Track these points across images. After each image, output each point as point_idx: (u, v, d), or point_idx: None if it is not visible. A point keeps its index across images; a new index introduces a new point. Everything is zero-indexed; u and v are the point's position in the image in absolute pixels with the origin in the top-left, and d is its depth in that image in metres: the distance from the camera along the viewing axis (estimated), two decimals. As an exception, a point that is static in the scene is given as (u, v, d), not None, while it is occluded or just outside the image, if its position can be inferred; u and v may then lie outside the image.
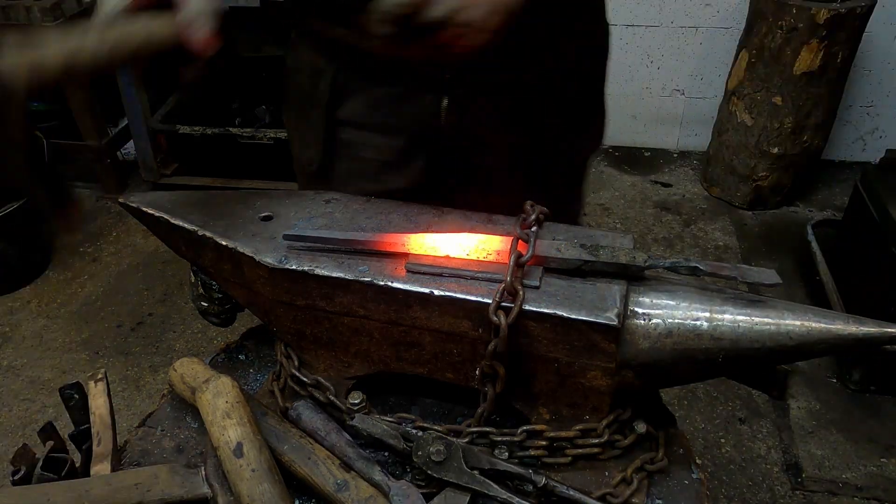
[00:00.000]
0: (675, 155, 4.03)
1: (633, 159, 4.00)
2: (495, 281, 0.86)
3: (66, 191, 0.91)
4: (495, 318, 0.83)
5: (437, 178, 1.19)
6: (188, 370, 1.03)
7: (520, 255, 0.87)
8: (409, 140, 1.18)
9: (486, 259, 0.92)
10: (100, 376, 1.08)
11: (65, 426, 1.01)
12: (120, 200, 1.11)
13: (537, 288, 0.87)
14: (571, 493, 0.86)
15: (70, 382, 1.03)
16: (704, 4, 3.57)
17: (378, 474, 0.87)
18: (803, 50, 3.03)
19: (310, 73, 1.18)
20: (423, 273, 0.90)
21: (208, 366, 1.05)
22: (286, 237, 0.96)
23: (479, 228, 0.97)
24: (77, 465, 0.96)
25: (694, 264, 0.86)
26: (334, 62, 1.14)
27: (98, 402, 1.04)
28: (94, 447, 0.99)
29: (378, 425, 0.92)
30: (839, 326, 0.82)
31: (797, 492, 2.25)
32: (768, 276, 0.85)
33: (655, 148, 4.07)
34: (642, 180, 3.83)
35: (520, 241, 0.90)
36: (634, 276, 0.90)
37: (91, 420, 1.01)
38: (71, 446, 1.00)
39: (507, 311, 0.83)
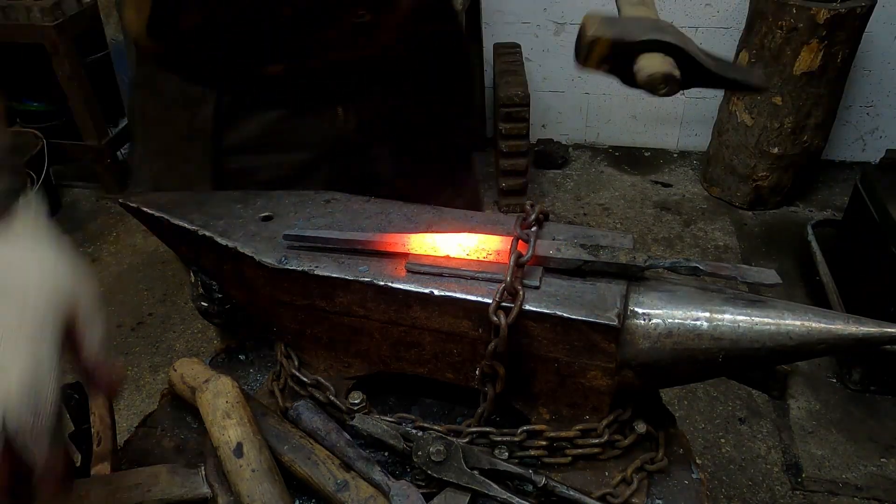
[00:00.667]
0: (675, 155, 4.03)
1: (633, 159, 4.00)
2: (495, 281, 0.86)
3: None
4: (495, 318, 0.83)
5: (340, 185, 1.17)
6: (188, 370, 1.03)
7: (520, 255, 0.87)
8: (310, 154, 1.15)
9: (486, 259, 0.92)
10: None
11: (64, 426, 1.01)
12: (120, 200, 1.11)
13: (537, 288, 0.87)
14: (571, 493, 0.86)
15: (70, 382, 1.03)
16: (704, 4, 3.58)
17: (378, 474, 0.87)
18: (803, 50, 3.03)
19: (183, 104, 1.09)
20: (423, 273, 0.90)
21: (208, 366, 1.05)
22: (286, 237, 0.96)
23: (479, 228, 0.97)
24: (77, 464, 0.96)
25: (694, 264, 0.86)
26: (215, 89, 1.07)
27: (98, 401, 1.04)
28: (95, 447, 0.99)
29: (378, 425, 0.92)
30: (839, 326, 0.82)
31: (797, 492, 2.25)
32: (768, 276, 0.85)
33: (655, 148, 4.07)
34: (642, 180, 3.83)
35: (520, 241, 0.90)
36: (634, 277, 0.90)
37: (91, 420, 1.01)
38: (70, 446, 1.00)
39: (507, 311, 0.83)
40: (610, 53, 0.87)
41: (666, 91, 0.81)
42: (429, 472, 0.86)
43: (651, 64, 0.82)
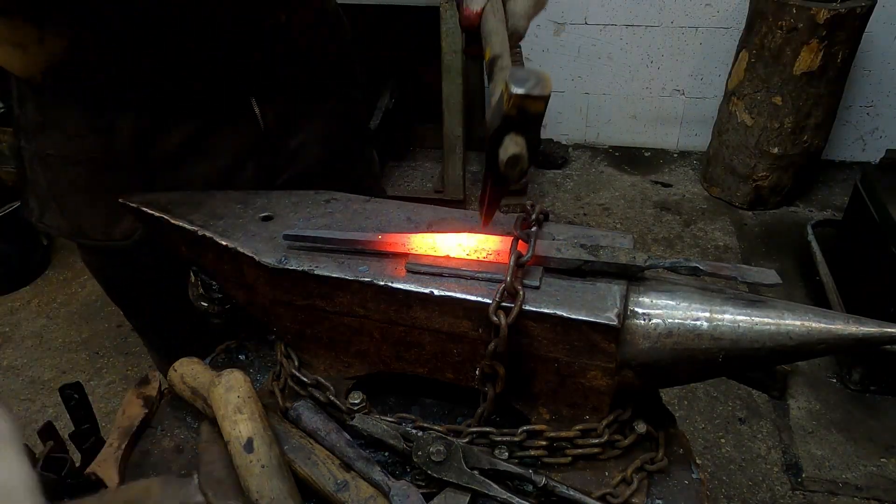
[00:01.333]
0: (675, 155, 4.03)
1: (633, 159, 4.00)
2: (495, 281, 0.86)
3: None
4: (495, 318, 0.83)
5: (270, 180, 1.21)
6: (188, 370, 1.03)
7: (520, 255, 0.87)
8: (234, 157, 1.16)
9: (486, 259, 0.92)
10: (154, 383, 1.08)
11: (64, 426, 1.01)
12: (120, 200, 1.11)
13: (537, 288, 0.87)
14: (571, 493, 0.86)
15: (70, 382, 1.03)
16: (704, 4, 3.58)
17: (378, 474, 0.87)
18: (803, 50, 3.03)
19: (94, 134, 1.05)
20: (423, 273, 0.90)
21: (208, 366, 1.05)
22: (286, 237, 0.96)
23: (480, 228, 0.96)
24: (77, 465, 0.96)
25: (694, 264, 0.86)
26: (130, 112, 1.04)
27: (134, 410, 1.04)
28: (106, 447, 0.99)
29: (378, 425, 0.92)
30: (839, 326, 0.82)
31: (797, 492, 2.25)
32: (768, 276, 0.84)
33: (655, 148, 4.07)
34: (642, 180, 3.83)
35: (520, 241, 0.90)
36: (634, 276, 0.90)
37: (116, 421, 1.02)
38: (71, 446, 1.00)
39: (507, 311, 0.83)
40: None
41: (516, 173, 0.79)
42: (429, 472, 0.86)
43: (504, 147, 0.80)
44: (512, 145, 0.76)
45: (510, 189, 0.87)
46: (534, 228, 0.93)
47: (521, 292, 0.84)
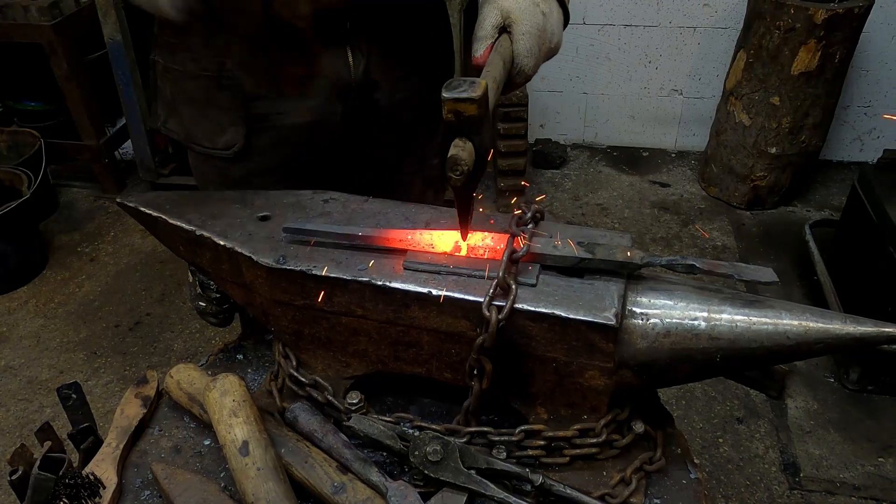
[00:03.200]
0: (674, 155, 4.03)
1: (632, 159, 4.00)
2: (492, 278, 0.86)
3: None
4: (487, 313, 0.83)
5: (355, 127, 1.30)
6: (184, 376, 1.03)
7: (514, 251, 0.88)
8: (323, 97, 1.24)
9: (482, 256, 0.92)
10: (152, 383, 1.08)
11: (62, 426, 1.01)
12: (118, 200, 1.11)
13: (534, 286, 0.87)
14: (569, 492, 0.86)
15: (68, 382, 1.03)
16: (702, 4, 3.58)
17: (375, 475, 0.87)
18: (801, 50, 3.04)
19: (211, 54, 1.19)
20: (421, 271, 0.90)
21: (205, 371, 1.05)
22: (286, 230, 0.96)
23: (477, 226, 0.97)
24: (74, 465, 0.96)
25: (691, 262, 0.86)
26: (238, 37, 1.17)
27: (133, 410, 1.04)
28: (104, 447, 0.99)
29: (374, 426, 0.92)
30: (837, 326, 0.82)
31: (795, 491, 2.25)
32: (765, 273, 0.85)
33: (653, 148, 4.07)
34: (640, 180, 3.83)
35: (516, 238, 0.91)
36: (631, 275, 0.90)
37: (114, 421, 1.02)
38: (68, 445, 1.00)
39: (499, 306, 0.83)
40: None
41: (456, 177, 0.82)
42: (425, 471, 0.86)
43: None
44: (452, 147, 0.79)
45: (508, 188, 0.88)
46: (529, 226, 0.93)
47: (513, 288, 0.84)
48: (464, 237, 0.93)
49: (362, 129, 1.33)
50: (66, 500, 0.89)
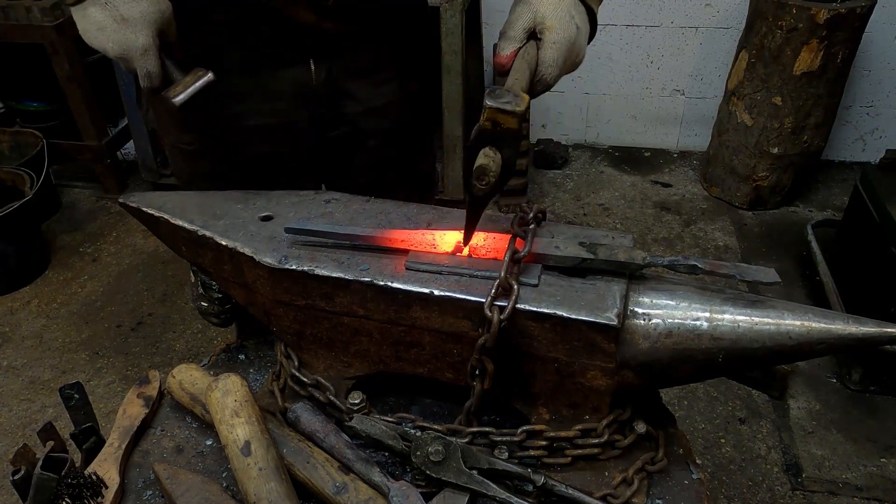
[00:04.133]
0: (675, 155, 4.03)
1: (633, 159, 4.00)
2: (494, 279, 0.86)
3: None
4: (489, 313, 0.83)
5: (326, 133, 1.34)
6: (186, 377, 1.03)
7: (516, 251, 0.88)
8: (286, 102, 1.27)
9: (485, 256, 0.92)
10: (154, 383, 1.08)
11: (64, 426, 1.01)
12: (120, 201, 1.11)
13: (536, 286, 0.87)
14: (571, 492, 0.86)
15: (70, 382, 1.03)
16: (704, 4, 3.57)
17: (377, 475, 0.87)
18: (803, 50, 3.03)
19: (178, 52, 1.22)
20: (423, 271, 0.90)
21: (207, 372, 1.05)
22: (288, 230, 0.96)
23: (479, 227, 0.97)
24: (77, 465, 0.96)
25: (693, 262, 0.86)
26: (211, 40, 1.20)
27: (135, 410, 1.05)
28: (106, 447, 0.99)
29: (376, 426, 0.92)
30: (839, 326, 0.82)
31: (797, 492, 2.24)
32: (767, 274, 0.84)
33: (655, 148, 4.07)
34: (642, 180, 3.83)
35: (517, 238, 0.91)
36: (633, 275, 0.90)
37: (116, 421, 1.02)
38: (71, 445, 1.00)
39: (501, 307, 0.83)
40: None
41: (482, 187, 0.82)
42: (427, 472, 0.86)
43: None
44: (482, 157, 0.78)
45: (510, 188, 0.88)
46: (531, 226, 0.93)
47: (515, 288, 0.84)
48: (466, 244, 0.92)
49: (337, 135, 1.36)
50: (68, 500, 0.89)
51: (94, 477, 0.92)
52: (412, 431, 0.92)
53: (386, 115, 1.37)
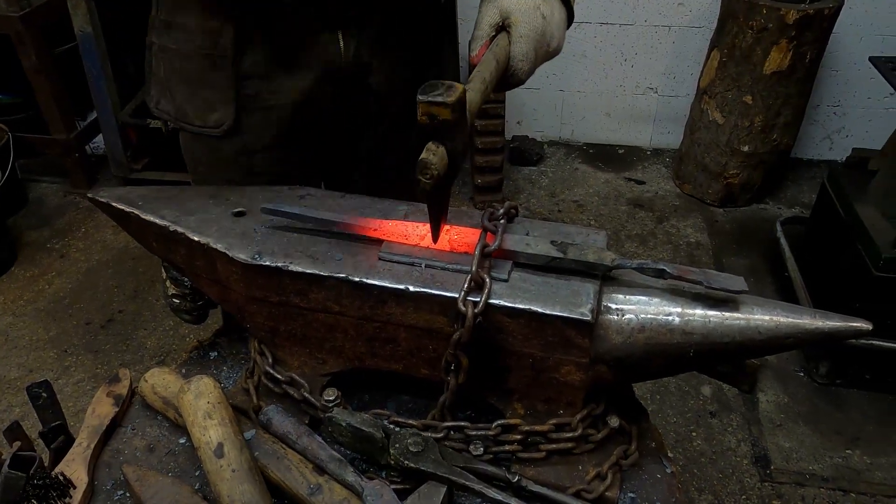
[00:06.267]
0: (649, 152, 4.07)
1: (607, 156, 4.03)
2: (466, 272, 0.87)
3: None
4: (462, 308, 0.83)
5: (348, 109, 1.32)
6: (159, 381, 1.02)
7: (486, 245, 0.88)
8: (315, 79, 1.25)
9: (457, 249, 0.92)
10: (125, 381, 1.06)
11: (31, 426, 0.99)
12: (89, 195, 1.09)
13: (506, 281, 0.88)
14: (545, 491, 0.87)
15: (37, 381, 1.01)
16: (677, 3, 3.61)
17: (351, 475, 0.87)
18: (773, 50, 3.08)
19: (204, 34, 1.21)
20: (395, 262, 0.90)
21: (179, 376, 1.04)
22: (264, 210, 0.96)
23: (452, 221, 0.97)
24: (45, 463, 0.94)
25: (661, 267, 0.86)
26: (232, 19, 1.18)
27: (105, 409, 1.03)
28: (75, 447, 0.97)
29: (356, 416, 0.91)
30: (807, 321, 0.84)
31: (766, 483, 2.29)
32: (735, 282, 0.85)
33: (629, 145, 4.11)
34: (616, 177, 3.86)
35: (488, 232, 0.91)
36: (601, 276, 0.90)
37: (85, 420, 1.00)
38: (38, 445, 0.98)
39: (476, 302, 0.84)
40: None
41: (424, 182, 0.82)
42: (406, 462, 0.86)
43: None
44: (424, 151, 0.78)
45: (485, 185, 0.88)
46: (501, 221, 0.93)
47: (488, 282, 0.84)
48: (435, 240, 0.92)
49: (356, 111, 1.34)
50: (34, 502, 0.87)
51: (61, 477, 0.91)
52: (390, 426, 0.92)
53: (401, 97, 1.34)
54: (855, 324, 0.83)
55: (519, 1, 0.97)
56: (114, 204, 1.05)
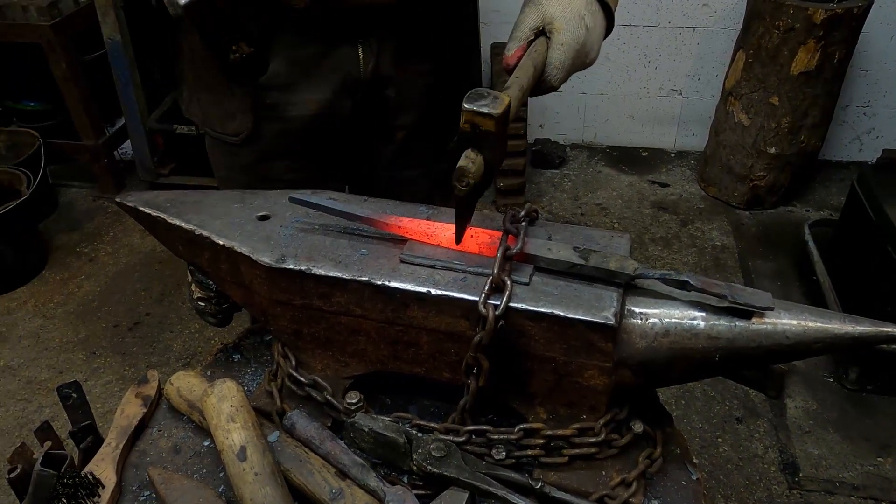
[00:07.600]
0: (673, 155, 4.03)
1: (631, 159, 4.00)
2: (487, 275, 0.86)
3: None
4: (483, 310, 0.83)
5: (365, 120, 1.32)
6: (184, 383, 1.03)
7: (507, 248, 0.88)
8: (333, 92, 1.26)
9: (479, 252, 0.92)
10: (153, 382, 1.08)
11: (61, 427, 1.01)
12: (117, 200, 1.11)
13: (527, 284, 0.87)
14: (568, 497, 0.86)
15: (67, 382, 1.03)
16: (702, 4, 3.58)
17: (373, 480, 0.87)
18: (800, 50, 3.04)
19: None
20: (417, 264, 0.91)
21: (204, 378, 1.05)
22: (292, 200, 0.99)
23: (474, 224, 0.97)
24: (76, 462, 0.96)
25: (685, 278, 0.84)
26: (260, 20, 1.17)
27: (133, 409, 1.04)
28: (104, 447, 0.99)
29: (379, 421, 0.92)
30: (836, 326, 0.82)
31: (794, 491, 2.25)
32: (761, 298, 0.82)
33: (653, 148, 4.07)
34: (640, 180, 3.83)
35: (510, 235, 0.91)
36: (625, 285, 0.89)
37: (114, 421, 1.02)
38: (68, 445, 1.00)
39: (496, 305, 0.83)
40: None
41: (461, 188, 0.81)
42: (429, 467, 0.86)
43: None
44: (462, 158, 0.79)
45: (508, 188, 0.88)
46: (523, 224, 0.93)
47: (509, 284, 0.84)
48: (458, 243, 0.92)
49: (375, 122, 1.35)
50: (64, 500, 0.89)
51: (90, 477, 0.92)
52: (412, 431, 0.92)
53: (417, 109, 1.36)
54: (886, 329, 0.82)
55: (564, 8, 0.95)
56: (141, 208, 1.07)
